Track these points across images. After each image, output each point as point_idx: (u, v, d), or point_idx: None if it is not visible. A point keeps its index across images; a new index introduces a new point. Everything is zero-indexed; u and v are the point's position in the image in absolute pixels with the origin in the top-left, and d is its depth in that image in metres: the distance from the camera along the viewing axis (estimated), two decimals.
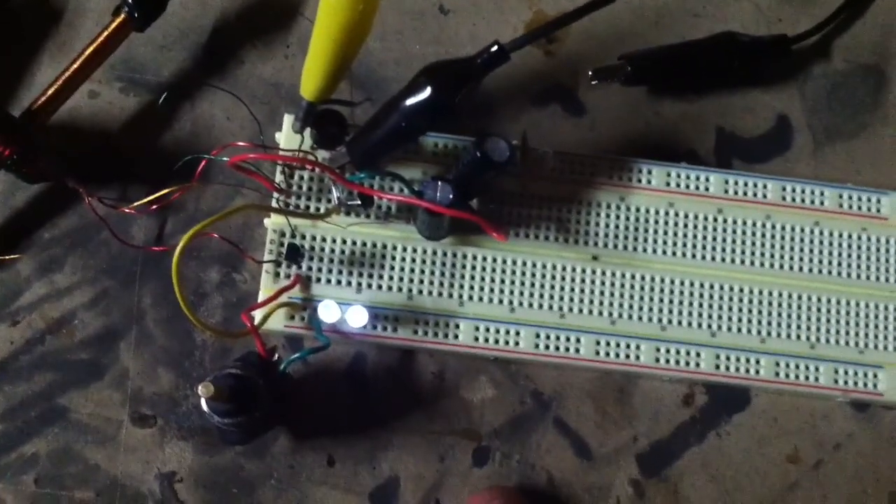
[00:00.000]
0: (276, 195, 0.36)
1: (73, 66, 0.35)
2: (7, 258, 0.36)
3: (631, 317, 0.36)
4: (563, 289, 0.36)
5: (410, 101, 0.32)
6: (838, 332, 0.36)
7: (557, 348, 0.35)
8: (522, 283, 0.36)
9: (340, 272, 0.35)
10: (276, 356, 0.33)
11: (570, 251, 0.36)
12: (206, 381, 0.29)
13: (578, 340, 0.36)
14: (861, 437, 0.37)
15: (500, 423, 0.36)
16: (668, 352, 0.36)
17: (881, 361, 0.36)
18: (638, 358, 0.36)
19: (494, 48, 0.31)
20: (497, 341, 0.35)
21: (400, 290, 0.35)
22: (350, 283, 0.35)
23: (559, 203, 0.37)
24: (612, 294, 0.36)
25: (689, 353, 0.36)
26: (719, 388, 0.37)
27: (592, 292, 0.36)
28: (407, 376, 0.36)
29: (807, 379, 0.36)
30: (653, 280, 0.36)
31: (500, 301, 0.36)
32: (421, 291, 0.36)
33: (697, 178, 0.37)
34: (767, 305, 0.36)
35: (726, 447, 0.36)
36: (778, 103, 0.40)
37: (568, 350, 0.36)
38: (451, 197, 0.33)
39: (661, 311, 0.36)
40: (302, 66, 0.32)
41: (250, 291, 0.36)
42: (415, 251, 0.36)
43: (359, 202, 0.35)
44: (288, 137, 0.36)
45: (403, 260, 0.36)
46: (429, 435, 0.36)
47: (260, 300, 0.34)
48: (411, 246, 0.36)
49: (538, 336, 0.35)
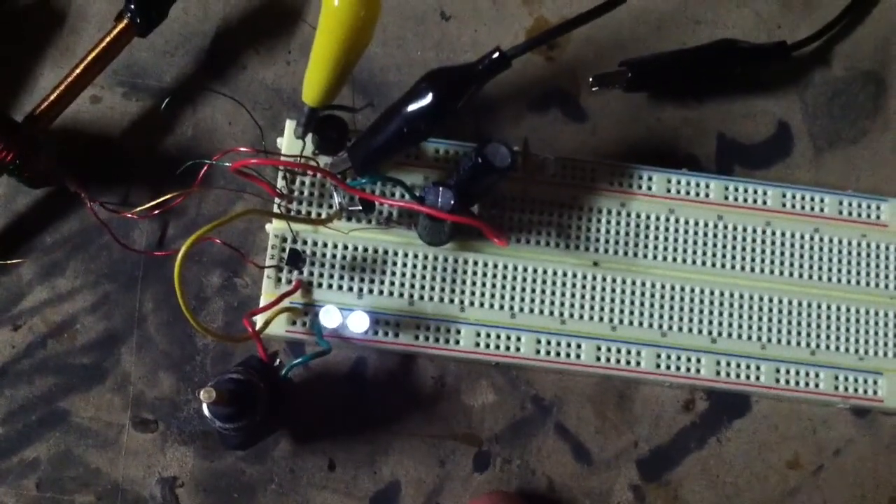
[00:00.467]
0: (277, 200, 0.36)
1: (76, 71, 0.35)
2: (9, 262, 0.36)
3: (632, 322, 0.36)
4: (563, 294, 0.36)
5: (412, 107, 0.32)
6: (838, 338, 0.36)
7: (558, 354, 0.36)
8: (523, 289, 0.36)
9: (342, 277, 0.35)
10: (278, 361, 0.33)
11: (571, 257, 0.36)
12: (208, 386, 0.29)
13: (579, 346, 0.36)
14: (861, 442, 0.37)
15: (501, 428, 0.36)
16: (669, 357, 0.36)
17: (881, 367, 0.36)
18: (638, 364, 0.36)
19: (496, 54, 0.31)
20: (498, 347, 0.35)
21: (401, 295, 0.35)
22: (351, 289, 0.35)
23: (560, 209, 0.37)
24: (612, 300, 0.36)
25: (689, 359, 0.36)
26: (720, 394, 0.37)
27: (593, 298, 0.36)
28: (408, 381, 0.36)
29: (807, 385, 0.36)
30: (653, 286, 0.36)
31: (501, 307, 0.36)
32: (422, 297, 0.36)
33: (698, 185, 0.37)
34: (768, 312, 0.36)
35: (727, 453, 0.37)
36: (778, 110, 0.40)
37: (569, 356, 0.36)
38: (452, 202, 0.33)
39: (661, 316, 0.36)
40: (303, 71, 0.32)
41: (251, 296, 0.36)
42: (416, 256, 0.36)
43: (360, 207, 0.35)
44: (289, 143, 0.36)
45: (405, 265, 0.36)
46: (429, 439, 0.36)
47: (261, 305, 0.34)
48: (412, 251, 0.36)
49: (539, 342, 0.35)
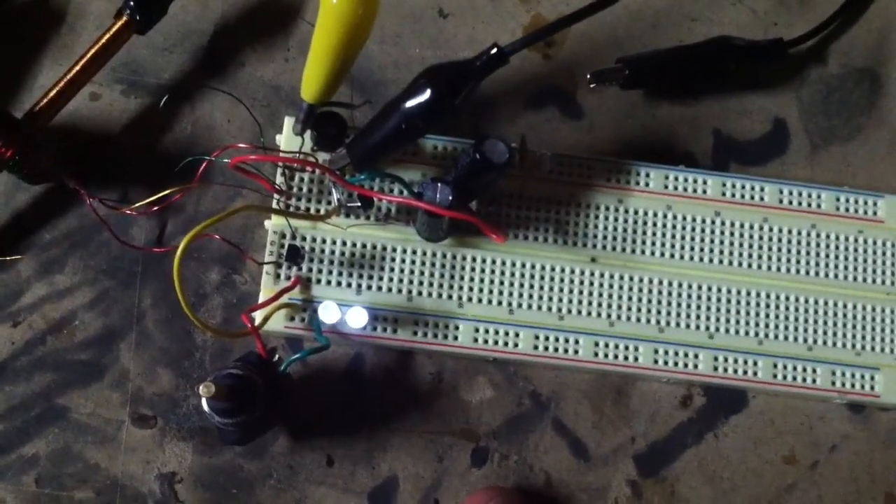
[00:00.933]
0: (276, 197, 0.36)
1: (75, 68, 0.36)
2: (8, 259, 0.36)
3: (629, 318, 0.36)
4: (561, 290, 0.36)
5: (410, 104, 0.32)
6: (835, 333, 0.37)
7: (556, 349, 0.36)
8: (521, 285, 0.36)
9: (340, 273, 0.36)
10: (276, 357, 0.33)
11: (569, 253, 0.36)
12: (207, 381, 0.29)
13: (577, 342, 0.36)
14: (857, 438, 0.37)
15: (499, 423, 0.36)
16: (666, 353, 0.36)
17: (878, 363, 0.36)
18: (636, 359, 0.36)
19: (493, 51, 0.31)
20: (496, 342, 0.35)
21: (399, 291, 0.36)
22: (350, 285, 0.36)
23: (557, 205, 0.37)
24: (610, 296, 0.36)
25: (686, 355, 0.36)
26: (717, 390, 0.37)
27: (591, 294, 0.36)
28: (406, 377, 0.36)
29: (804, 380, 0.36)
30: (651, 282, 0.36)
31: (499, 302, 0.36)
32: (420, 293, 0.36)
33: (695, 181, 0.37)
34: (765, 307, 0.37)
35: (723, 448, 0.37)
36: (774, 107, 0.40)
37: (566, 351, 0.36)
38: (450, 198, 0.33)
39: (659, 312, 0.36)
40: (302, 68, 0.32)
41: (250, 292, 0.36)
42: (414, 252, 0.36)
43: (359, 204, 0.35)
44: (288, 139, 0.36)
45: (403, 261, 0.36)
46: (427, 435, 0.36)
47: (260, 301, 0.35)
48: (411, 247, 0.36)
49: (537, 337, 0.36)
